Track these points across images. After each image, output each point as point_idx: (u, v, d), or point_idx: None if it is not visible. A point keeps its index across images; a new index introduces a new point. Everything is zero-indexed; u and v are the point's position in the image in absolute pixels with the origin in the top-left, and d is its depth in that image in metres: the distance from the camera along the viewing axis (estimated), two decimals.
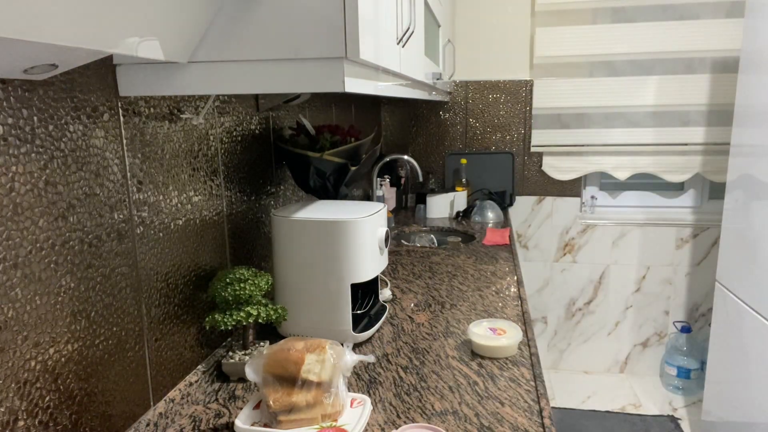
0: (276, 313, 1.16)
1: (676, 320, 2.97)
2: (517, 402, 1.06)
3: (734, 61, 2.62)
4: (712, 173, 2.77)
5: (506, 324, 1.31)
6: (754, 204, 2.00)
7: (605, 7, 2.70)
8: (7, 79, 0.68)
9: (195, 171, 1.12)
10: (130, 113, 0.92)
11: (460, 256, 2.07)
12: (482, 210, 2.63)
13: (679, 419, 2.65)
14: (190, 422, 1.02)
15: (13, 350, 0.70)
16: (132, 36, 0.66)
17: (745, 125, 2.10)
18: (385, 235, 1.31)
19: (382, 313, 1.43)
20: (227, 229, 1.27)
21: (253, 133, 1.40)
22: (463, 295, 1.66)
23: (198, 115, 1.12)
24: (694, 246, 2.90)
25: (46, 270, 0.75)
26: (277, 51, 0.78)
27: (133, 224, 0.93)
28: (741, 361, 2.06)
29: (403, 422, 1.00)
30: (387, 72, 1.10)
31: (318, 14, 0.76)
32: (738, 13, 2.56)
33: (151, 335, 0.99)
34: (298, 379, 0.92)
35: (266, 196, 1.50)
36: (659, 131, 2.78)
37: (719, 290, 2.27)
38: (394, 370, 1.20)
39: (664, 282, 2.96)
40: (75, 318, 0.81)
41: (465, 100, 2.97)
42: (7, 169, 0.69)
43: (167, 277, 1.04)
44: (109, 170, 0.87)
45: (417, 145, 3.07)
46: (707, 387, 2.36)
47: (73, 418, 0.81)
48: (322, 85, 0.79)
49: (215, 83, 0.83)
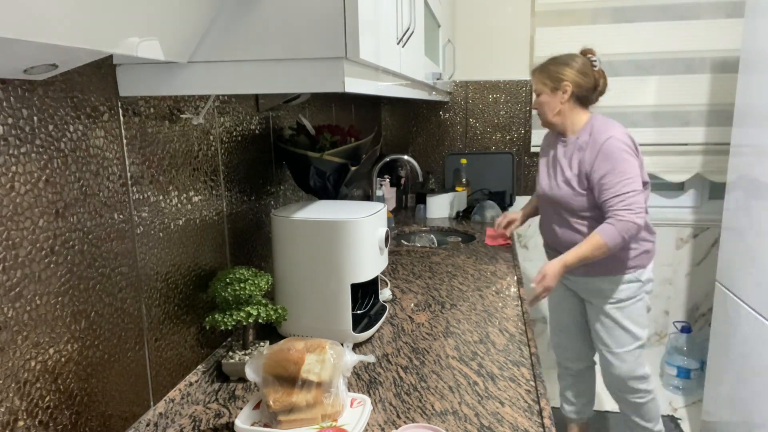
0: (276, 313, 1.16)
1: (676, 320, 2.97)
2: (517, 402, 1.06)
3: (734, 61, 2.61)
4: (712, 173, 2.77)
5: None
6: (754, 204, 2.00)
7: (605, 7, 2.70)
8: (7, 79, 0.68)
9: (195, 171, 1.12)
10: (130, 113, 0.92)
11: (460, 256, 2.07)
12: (482, 210, 2.63)
13: (679, 419, 2.65)
14: (190, 422, 1.02)
15: (13, 350, 0.70)
16: (132, 36, 0.66)
17: (745, 125, 2.10)
18: (385, 235, 1.31)
19: (382, 313, 1.43)
20: (227, 229, 1.27)
21: (253, 133, 1.40)
22: (463, 295, 1.66)
23: (198, 115, 1.12)
24: (694, 246, 2.90)
25: (46, 270, 0.75)
26: (277, 51, 0.78)
27: (133, 224, 0.93)
28: (741, 361, 2.06)
29: (403, 422, 1.00)
30: (387, 72, 1.10)
31: (318, 14, 0.76)
32: (738, 13, 2.56)
33: (151, 335, 0.99)
34: (298, 379, 0.92)
35: (266, 196, 1.50)
36: (659, 131, 2.78)
37: (719, 290, 2.27)
38: (394, 370, 1.20)
39: (664, 282, 2.96)
40: (75, 318, 0.81)
41: (465, 100, 2.97)
42: (7, 169, 0.69)
43: (167, 277, 1.04)
44: (109, 170, 0.87)
45: (417, 145, 3.07)
46: (707, 387, 2.36)
47: (73, 418, 0.81)
48: (322, 85, 0.79)
49: (215, 83, 0.83)
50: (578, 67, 1.80)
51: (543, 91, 1.85)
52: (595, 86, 1.83)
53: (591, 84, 1.81)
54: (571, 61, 1.81)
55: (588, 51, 1.87)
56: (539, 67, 1.87)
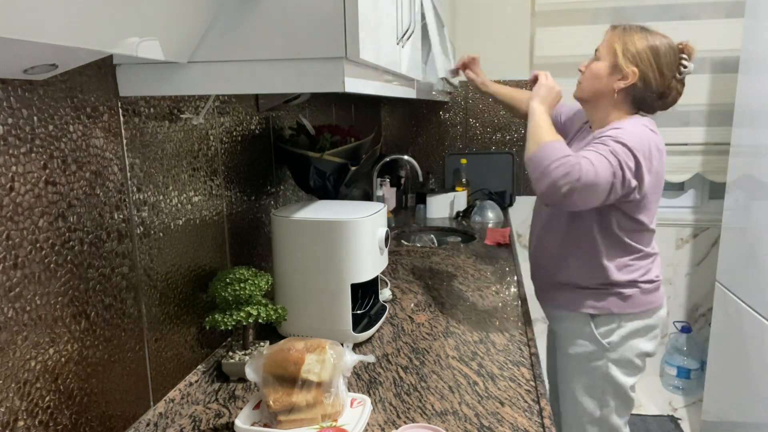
0: (276, 313, 1.16)
1: (676, 320, 2.97)
2: (517, 402, 1.06)
3: (734, 61, 2.61)
4: (712, 173, 2.77)
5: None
6: (754, 204, 2.00)
7: (605, 7, 2.70)
8: (7, 79, 0.68)
9: (195, 171, 1.12)
10: (130, 113, 0.92)
11: (460, 256, 2.07)
12: (482, 210, 2.63)
13: (679, 419, 2.65)
14: (190, 422, 1.02)
15: (13, 350, 0.70)
16: (132, 36, 0.66)
17: (745, 125, 2.10)
18: (385, 235, 1.31)
19: (382, 313, 1.43)
20: (227, 229, 1.27)
21: (253, 133, 1.40)
22: (463, 295, 1.66)
23: (198, 115, 1.12)
24: (694, 246, 2.90)
25: (46, 270, 0.75)
26: (277, 51, 0.78)
27: (133, 224, 0.93)
28: (741, 361, 2.06)
29: (403, 422, 1.00)
30: (387, 72, 1.10)
31: (318, 14, 0.76)
32: (738, 13, 2.56)
33: (151, 335, 0.99)
34: (298, 379, 0.92)
35: (266, 196, 1.50)
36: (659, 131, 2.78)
37: (719, 290, 2.27)
38: (394, 370, 1.20)
39: (664, 282, 2.95)
40: (75, 318, 0.81)
41: (465, 100, 2.97)
42: (7, 169, 0.69)
43: (167, 277, 1.04)
44: (109, 170, 0.87)
45: (417, 145, 3.07)
46: (707, 387, 2.36)
47: (73, 418, 0.81)
48: (322, 85, 0.79)
49: (215, 83, 0.83)
50: (662, 61, 1.33)
51: (603, 59, 1.39)
52: (663, 94, 1.37)
53: (661, 89, 1.35)
54: (661, 49, 1.33)
55: (686, 48, 1.37)
56: (622, 29, 1.39)
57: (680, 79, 1.38)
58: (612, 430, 1.49)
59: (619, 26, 1.40)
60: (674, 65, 1.35)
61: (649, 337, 1.45)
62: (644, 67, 1.34)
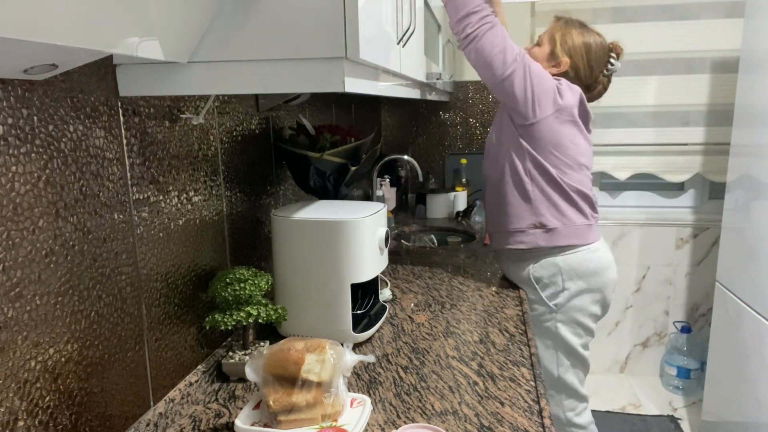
0: (276, 313, 1.16)
1: (676, 320, 2.97)
2: (517, 402, 1.06)
3: (734, 61, 2.61)
4: (712, 173, 2.77)
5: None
6: (754, 204, 2.00)
7: (605, 7, 2.70)
8: (7, 79, 0.68)
9: (195, 171, 1.12)
10: (130, 113, 0.92)
11: (460, 256, 2.07)
12: (482, 210, 2.63)
13: (679, 419, 2.65)
14: (190, 422, 1.02)
15: (13, 350, 0.70)
16: (132, 36, 0.66)
17: (745, 125, 2.10)
18: (385, 235, 1.31)
19: (382, 313, 1.43)
20: (227, 229, 1.27)
21: (253, 133, 1.40)
22: (463, 295, 1.66)
23: (198, 115, 1.12)
24: (694, 246, 2.90)
25: (46, 270, 0.75)
26: (277, 51, 0.78)
27: (133, 224, 0.93)
28: (741, 361, 2.06)
29: (403, 422, 1.00)
30: (387, 72, 1.10)
31: (318, 14, 0.76)
32: (738, 13, 2.56)
33: (151, 335, 0.99)
34: (298, 379, 0.92)
35: (266, 196, 1.50)
36: (659, 131, 2.78)
37: (719, 290, 2.27)
38: (394, 370, 1.20)
39: (664, 282, 2.96)
40: (75, 318, 0.81)
41: (465, 100, 2.97)
42: (7, 169, 0.69)
43: (167, 277, 1.04)
44: (109, 170, 0.87)
45: (417, 145, 3.07)
46: (707, 387, 2.36)
47: (73, 418, 0.81)
48: (322, 85, 0.79)
49: (215, 83, 0.83)
50: (593, 57, 1.52)
51: (543, 45, 1.57)
52: (589, 87, 1.56)
53: (588, 81, 1.54)
54: (593, 46, 1.53)
55: (615, 48, 1.57)
56: (564, 22, 1.57)
57: (607, 75, 1.57)
58: (568, 388, 1.62)
59: (562, 18, 1.58)
60: (603, 62, 1.54)
61: (593, 299, 1.57)
62: (576, 59, 1.52)
